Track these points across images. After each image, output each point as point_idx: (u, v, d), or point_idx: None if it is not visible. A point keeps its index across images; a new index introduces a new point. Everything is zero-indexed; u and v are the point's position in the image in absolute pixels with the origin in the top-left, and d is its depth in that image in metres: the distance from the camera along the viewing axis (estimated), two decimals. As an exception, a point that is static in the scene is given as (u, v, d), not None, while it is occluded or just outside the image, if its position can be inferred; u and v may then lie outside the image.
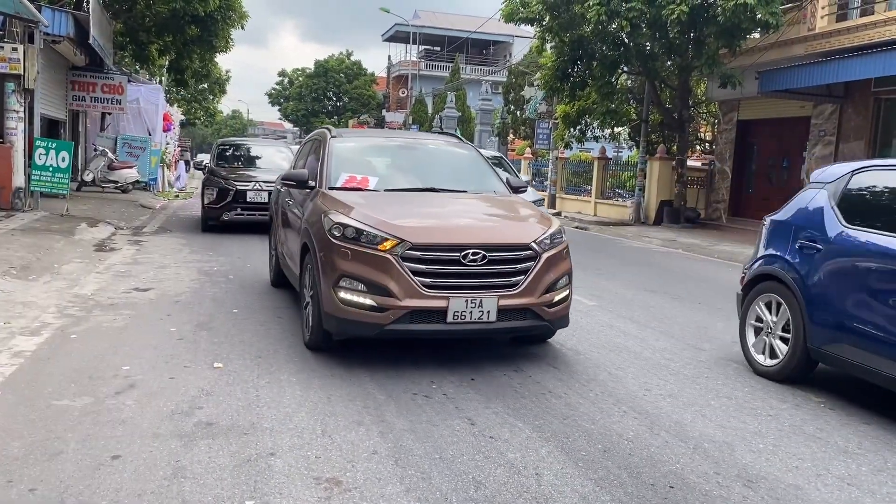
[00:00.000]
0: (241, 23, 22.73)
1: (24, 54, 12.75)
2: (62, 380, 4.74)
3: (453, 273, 5.08)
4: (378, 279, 5.00)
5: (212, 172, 13.71)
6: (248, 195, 12.93)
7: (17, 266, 8.34)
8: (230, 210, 12.95)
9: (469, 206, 6.13)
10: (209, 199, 13.17)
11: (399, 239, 5.04)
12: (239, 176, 13.40)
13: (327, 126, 7.28)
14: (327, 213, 5.47)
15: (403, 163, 6.94)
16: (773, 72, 16.51)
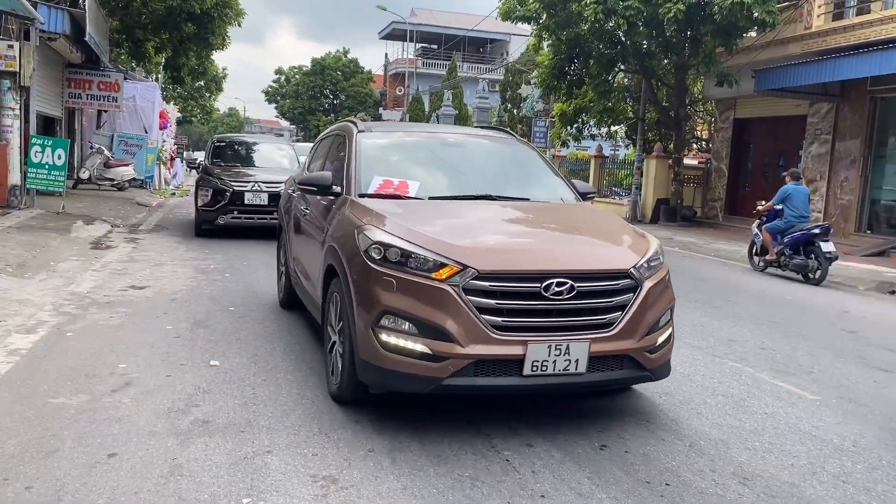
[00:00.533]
0: (237, 20, 22.68)
1: (20, 51, 12.72)
2: (58, 378, 4.73)
3: (532, 310, 3.94)
4: (433, 318, 3.84)
5: (206, 171, 12.65)
6: (246, 197, 11.88)
7: (13, 264, 8.33)
8: (226, 213, 11.86)
9: (540, 218, 5.01)
10: (203, 200, 12.03)
11: (460, 265, 3.90)
12: (236, 175, 12.39)
13: (351, 119, 6.22)
14: (362, 228, 4.32)
15: (448, 163, 5.68)
16: (769, 70, 16.53)
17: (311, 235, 5.60)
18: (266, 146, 14.77)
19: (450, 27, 54.39)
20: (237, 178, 12.25)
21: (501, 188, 5.33)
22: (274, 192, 11.44)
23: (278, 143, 15.45)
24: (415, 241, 4.08)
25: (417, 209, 4.78)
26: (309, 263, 5.64)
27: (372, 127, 5.96)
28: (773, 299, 9.40)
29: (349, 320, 4.21)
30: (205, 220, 12.21)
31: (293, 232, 6.52)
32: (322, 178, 5.36)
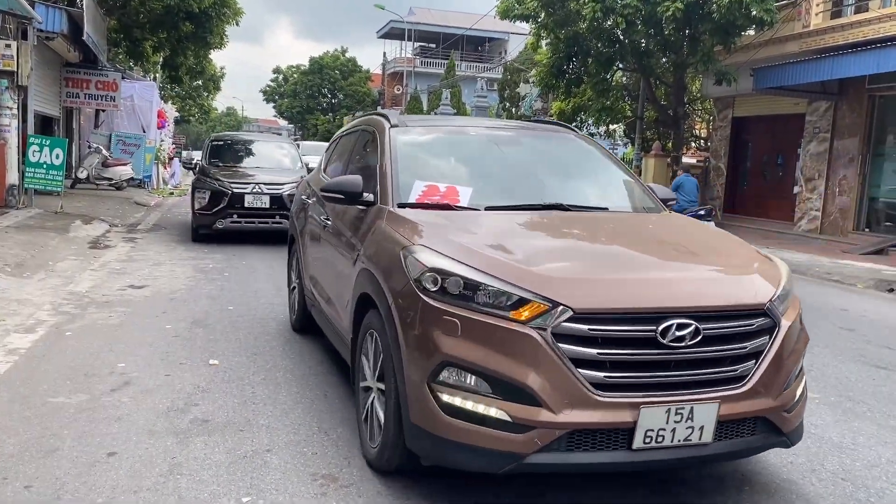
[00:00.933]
0: (235, 19, 22.68)
1: (18, 51, 12.71)
2: (57, 377, 4.73)
3: (645, 361, 2.99)
4: (512, 373, 2.90)
5: (203, 172, 11.88)
6: (247, 199, 11.21)
7: (12, 263, 8.32)
8: (225, 216, 11.15)
9: (632, 235, 3.96)
10: (200, 203, 11.27)
11: (549, 301, 2.95)
12: (235, 176, 11.69)
13: (381, 112, 5.29)
14: (409, 248, 3.39)
15: (503, 164, 4.68)
16: (767, 69, 16.54)
17: (336, 252, 4.66)
18: (266, 145, 13.92)
19: (448, 26, 54.41)
20: (236, 180, 11.54)
21: (572, 195, 4.39)
22: (276, 194, 11.21)
23: (279, 142, 14.54)
24: (482, 268, 3.13)
25: (475, 223, 3.81)
26: (332, 285, 4.75)
27: (406, 121, 4.95)
28: (771, 297, 9.39)
29: (394, 369, 3.27)
30: (202, 224, 11.44)
31: (309, 245, 5.62)
32: (350, 184, 4.30)
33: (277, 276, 8.91)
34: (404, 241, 3.50)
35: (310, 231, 5.63)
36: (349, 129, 5.92)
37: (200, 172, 12.03)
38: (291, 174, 12.06)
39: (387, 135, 4.60)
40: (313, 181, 6.01)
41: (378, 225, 3.94)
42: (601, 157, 4.98)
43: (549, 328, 2.91)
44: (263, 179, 11.57)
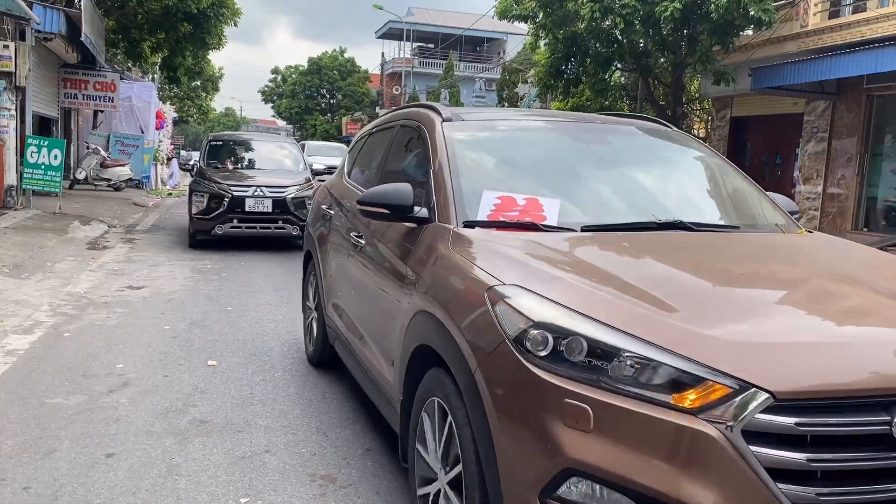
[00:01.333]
0: (233, 20, 22.64)
1: (16, 52, 12.69)
2: (55, 378, 4.72)
3: (873, 468, 1.98)
4: (676, 491, 1.93)
5: (201, 174, 11.23)
6: (248, 203, 10.62)
7: (10, 264, 8.31)
8: (224, 221, 10.59)
9: (804, 266, 2.96)
10: (198, 207, 10.66)
11: (736, 381, 1.95)
12: (235, 179, 11.11)
13: (426, 103, 4.15)
14: (498, 290, 2.40)
15: (592, 168, 3.60)
16: (766, 69, 16.55)
17: (374, 280, 3.66)
18: (267, 145, 13.15)
19: (446, 26, 54.43)
20: (236, 182, 10.93)
21: (689, 209, 3.43)
22: (278, 197, 10.73)
23: (281, 142, 13.71)
24: (618, 323, 2.13)
25: (581, 250, 2.83)
26: (368, 322, 3.78)
27: (461, 114, 3.87)
28: (770, 297, 9.40)
29: (479, 465, 2.33)
30: (200, 229, 10.86)
31: (334, 267, 4.61)
32: (398, 195, 3.24)
33: (276, 276, 8.91)
34: (488, 277, 2.50)
35: (333, 249, 4.63)
36: (382, 124, 4.82)
37: (198, 174, 11.34)
38: (295, 176, 11.56)
39: (439, 131, 3.56)
40: (336, 188, 5.06)
41: (440, 251, 2.93)
42: (708, 158, 3.96)
43: (735, 423, 1.91)
44: (265, 182, 11.00)
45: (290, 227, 10.79)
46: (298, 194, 10.88)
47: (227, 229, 10.65)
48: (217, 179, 10.94)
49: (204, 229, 10.80)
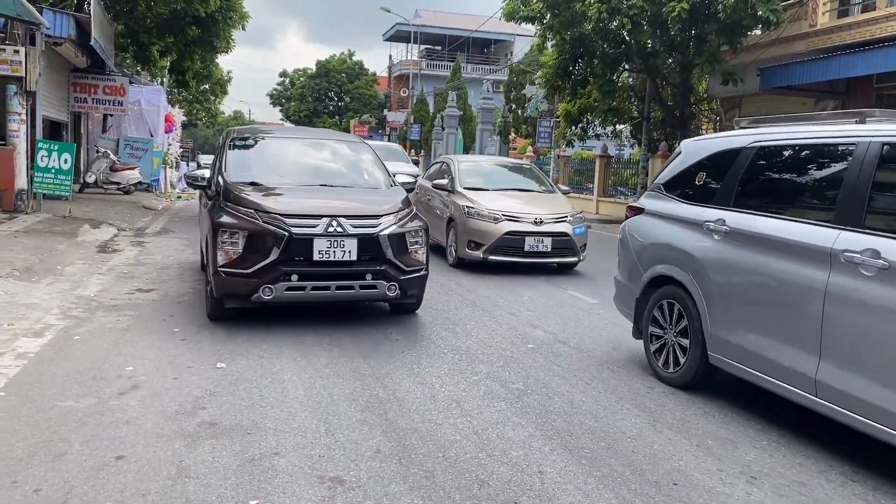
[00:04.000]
0: (241, 23, 22.74)
1: (26, 56, 12.77)
2: (66, 381, 4.75)
3: None
4: None
5: (228, 195, 6.61)
6: (317, 246, 6.17)
7: (21, 268, 8.36)
8: (276, 278, 6.10)
9: None
10: (228, 253, 6.17)
11: None
12: (290, 204, 6.46)
13: None
14: None
15: None
16: (774, 68, 16.49)
17: None
18: (329, 148, 8.18)
19: (454, 28, 54.45)
20: (294, 211, 6.33)
21: None
22: (366, 234, 6.30)
23: (348, 142, 8.49)
24: None
25: None
26: None
27: None
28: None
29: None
30: (232, 292, 6.22)
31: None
32: None
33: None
34: None
35: None
36: None
37: (224, 196, 6.65)
38: (385, 197, 7.04)
39: None
40: None
41: None
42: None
43: None
44: (342, 208, 6.49)
45: (385, 284, 6.32)
46: (398, 228, 6.49)
47: (280, 292, 6.07)
48: (261, 206, 6.33)
49: (239, 292, 6.14)
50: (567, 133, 25.72)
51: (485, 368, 5.45)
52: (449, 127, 38.03)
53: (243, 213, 6.30)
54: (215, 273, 6.18)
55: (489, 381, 5.15)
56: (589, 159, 26.57)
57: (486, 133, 36.98)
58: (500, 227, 9.91)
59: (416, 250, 6.54)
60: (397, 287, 6.37)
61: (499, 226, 9.93)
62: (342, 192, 7.10)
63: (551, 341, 6.35)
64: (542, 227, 9.97)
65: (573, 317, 7.45)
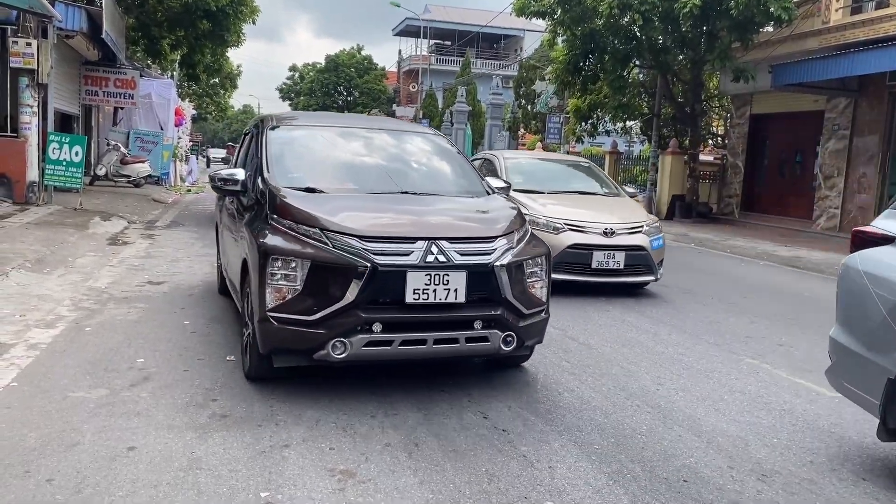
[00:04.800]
0: (252, 17, 22.77)
1: (38, 49, 12.82)
2: (77, 372, 4.77)
3: None
4: None
5: (277, 205, 4.77)
6: (412, 283, 4.34)
7: (32, 259, 8.40)
8: (352, 328, 4.29)
9: None
10: (282, 291, 4.36)
11: None
12: (369, 220, 4.63)
13: None
14: None
15: None
16: (786, 65, 16.39)
17: None
18: (398, 139, 6.20)
19: (463, 23, 54.37)
20: (376, 229, 4.52)
21: None
22: (477, 263, 4.51)
23: (421, 133, 6.52)
24: None
25: None
26: None
27: None
28: (790, 296, 9.33)
29: None
30: (286, 346, 4.46)
31: None
32: None
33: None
34: None
35: None
36: None
37: (271, 208, 4.82)
38: (493, 211, 5.21)
39: None
40: None
41: None
42: None
43: None
44: (442, 227, 4.68)
45: (499, 334, 4.55)
46: (517, 255, 4.70)
47: (357, 348, 4.32)
48: (328, 223, 4.48)
49: (297, 346, 4.42)
50: (577, 129, 25.68)
51: (494, 363, 5.45)
52: (458, 122, 37.95)
53: (303, 234, 4.43)
54: (262, 319, 4.35)
55: (499, 376, 5.15)
56: (598, 156, 26.49)
57: (496, 128, 36.91)
58: (562, 240, 8.07)
59: (535, 284, 4.75)
60: (514, 338, 4.55)
61: (560, 237, 8.08)
62: (434, 204, 5.13)
63: (561, 337, 6.34)
64: (614, 240, 8.18)
65: (579, 309, 7.43)
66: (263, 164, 5.27)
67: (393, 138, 6.16)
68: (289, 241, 4.43)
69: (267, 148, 5.47)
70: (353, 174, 5.53)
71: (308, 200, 4.74)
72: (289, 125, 5.98)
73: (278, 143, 5.58)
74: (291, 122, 6.11)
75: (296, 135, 5.86)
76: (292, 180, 5.11)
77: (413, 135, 6.35)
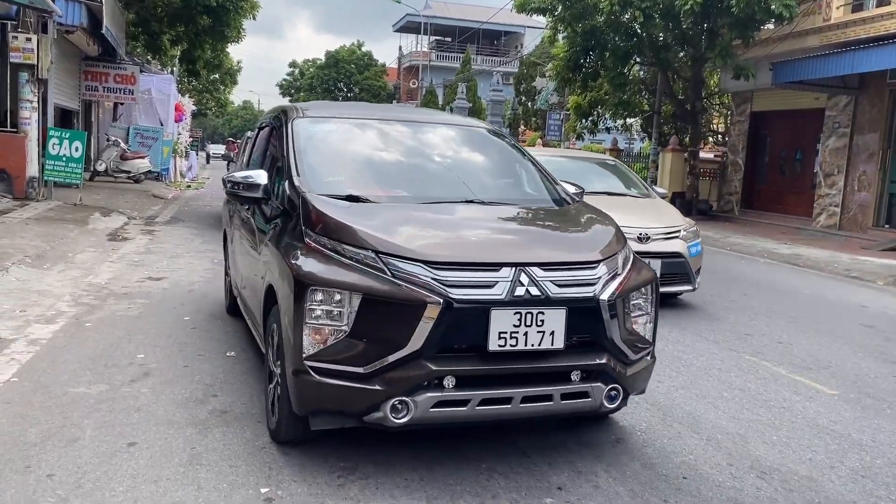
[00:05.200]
0: (252, 13, 22.74)
1: (38, 44, 12.81)
2: (78, 367, 4.78)
3: None
4: None
5: (313, 218, 3.70)
6: (497, 324, 3.29)
7: (32, 255, 8.40)
8: (420, 384, 3.26)
9: None
10: (324, 334, 3.32)
11: None
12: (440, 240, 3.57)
13: None
14: None
15: None
16: (787, 63, 16.39)
17: None
18: (450, 134, 5.15)
19: (464, 20, 54.29)
20: (448, 251, 3.46)
21: None
22: (582, 300, 3.49)
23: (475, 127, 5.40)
24: None
25: None
26: None
27: None
28: (790, 293, 9.34)
29: None
30: (330, 406, 3.45)
31: None
32: None
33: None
34: None
35: None
36: None
37: (305, 221, 3.75)
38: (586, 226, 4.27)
39: None
40: None
41: None
42: None
43: None
44: (532, 249, 3.70)
45: (602, 388, 3.54)
46: (625, 284, 3.68)
47: (424, 410, 3.29)
48: (384, 243, 3.45)
49: (344, 407, 3.42)
50: (577, 126, 25.67)
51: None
52: (458, 118, 37.87)
53: (351, 257, 3.43)
54: (298, 371, 3.35)
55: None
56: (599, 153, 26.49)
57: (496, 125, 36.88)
58: None
59: (640, 320, 3.82)
60: (620, 391, 3.59)
61: None
62: (509, 216, 4.19)
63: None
64: (648, 246, 7.31)
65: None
66: (291, 166, 4.24)
67: (442, 132, 5.13)
68: (333, 267, 3.41)
69: (294, 145, 4.43)
70: (401, 177, 4.53)
71: (354, 213, 3.75)
72: (318, 117, 4.95)
73: (308, 138, 4.56)
74: (321, 114, 5.07)
75: (328, 129, 4.84)
76: (329, 185, 4.11)
77: (464, 128, 5.31)
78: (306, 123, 4.71)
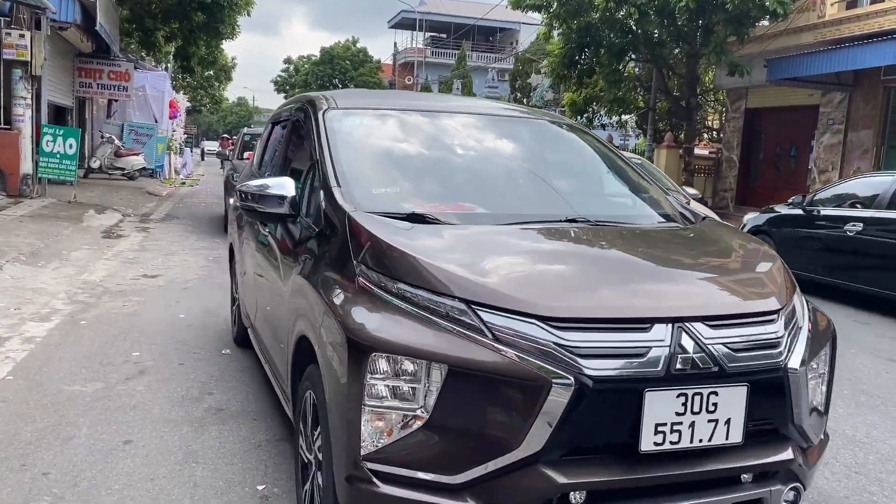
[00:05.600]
0: (246, 9, 22.67)
1: (31, 41, 12.77)
2: (73, 365, 4.77)
3: None
4: None
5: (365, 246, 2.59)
6: (655, 412, 2.20)
7: (26, 252, 8.38)
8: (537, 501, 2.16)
9: None
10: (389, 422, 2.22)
11: None
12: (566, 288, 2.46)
13: None
14: None
15: None
16: (781, 60, 16.41)
17: None
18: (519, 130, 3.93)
19: (459, 16, 54.21)
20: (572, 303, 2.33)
21: None
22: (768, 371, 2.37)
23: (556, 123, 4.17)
24: None
25: None
26: None
27: None
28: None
29: None
30: None
31: None
32: None
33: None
34: None
35: None
36: None
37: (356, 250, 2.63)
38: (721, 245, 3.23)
39: None
40: None
41: None
42: None
43: None
44: (676, 291, 2.54)
45: (781, 489, 2.45)
46: (811, 343, 2.61)
47: None
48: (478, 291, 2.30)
49: None
50: (572, 123, 25.63)
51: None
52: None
53: (428, 308, 2.34)
54: (353, 477, 2.30)
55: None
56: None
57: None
58: None
59: (818, 388, 2.75)
60: (800, 491, 2.56)
61: None
62: (635, 241, 3.03)
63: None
64: None
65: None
66: (328, 173, 3.11)
67: (513, 129, 3.93)
68: (402, 321, 2.33)
69: (330, 145, 3.30)
70: (472, 188, 3.41)
71: (424, 240, 2.64)
72: (354, 108, 3.79)
73: (347, 137, 3.44)
74: (356, 104, 3.90)
75: (368, 123, 3.69)
76: (380, 200, 3.04)
77: (541, 124, 4.09)
78: (341, 116, 3.57)
